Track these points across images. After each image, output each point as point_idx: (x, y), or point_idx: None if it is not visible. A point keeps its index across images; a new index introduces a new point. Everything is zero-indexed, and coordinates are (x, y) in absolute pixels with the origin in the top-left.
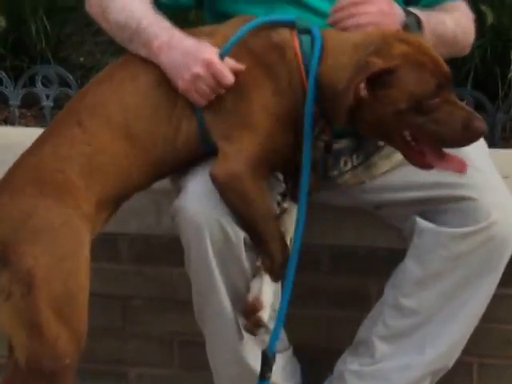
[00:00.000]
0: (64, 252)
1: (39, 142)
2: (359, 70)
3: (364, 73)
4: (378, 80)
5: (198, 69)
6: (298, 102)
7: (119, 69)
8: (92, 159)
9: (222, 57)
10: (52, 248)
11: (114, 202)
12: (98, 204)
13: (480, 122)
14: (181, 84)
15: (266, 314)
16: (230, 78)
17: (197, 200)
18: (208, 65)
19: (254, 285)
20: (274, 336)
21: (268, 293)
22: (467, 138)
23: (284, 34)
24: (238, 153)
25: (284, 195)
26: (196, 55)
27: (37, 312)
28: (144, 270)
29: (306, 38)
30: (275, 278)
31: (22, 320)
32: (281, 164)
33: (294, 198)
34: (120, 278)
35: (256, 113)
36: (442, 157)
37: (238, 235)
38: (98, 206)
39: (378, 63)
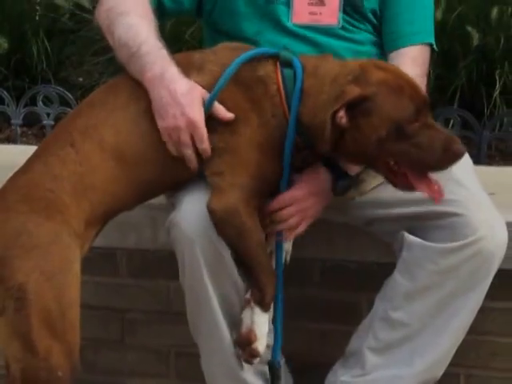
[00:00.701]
0: (54, 268)
1: (31, 161)
2: (337, 99)
3: (341, 101)
4: (358, 108)
5: (181, 123)
6: (283, 131)
7: (112, 93)
8: (83, 179)
9: (210, 104)
10: (42, 264)
11: (102, 220)
12: (88, 221)
13: (459, 145)
14: (160, 124)
15: (261, 345)
16: (206, 145)
17: (190, 216)
18: (191, 125)
19: (246, 316)
20: (277, 345)
21: (261, 323)
22: (447, 161)
23: (268, 68)
24: (232, 187)
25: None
26: (183, 110)
27: (28, 326)
28: (142, 283)
29: (288, 72)
30: (265, 309)
31: (15, 334)
32: (270, 191)
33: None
34: (119, 292)
35: (244, 146)
36: (424, 180)
37: (229, 251)
38: (88, 224)
39: (355, 91)
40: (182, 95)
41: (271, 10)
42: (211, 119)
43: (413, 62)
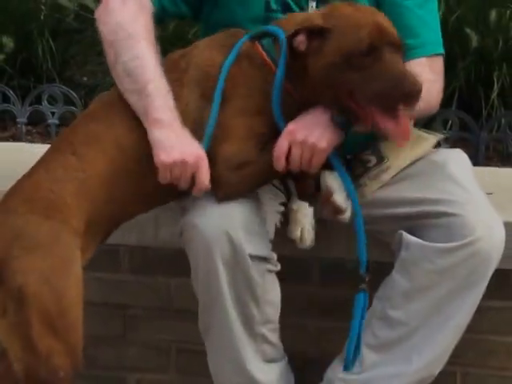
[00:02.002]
0: (54, 268)
1: (33, 168)
2: (301, 27)
3: (303, 28)
4: (318, 38)
5: (189, 159)
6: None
7: (111, 107)
8: (85, 183)
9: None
10: (42, 265)
11: (105, 226)
12: (89, 223)
13: (411, 80)
14: (162, 158)
15: (339, 197)
16: (208, 183)
17: (206, 215)
18: (199, 160)
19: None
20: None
21: (330, 179)
22: (400, 95)
23: (245, 47)
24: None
25: (284, 204)
26: (190, 146)
27: (29, 327)
28: (143, 280)
29: (267, 41)
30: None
31: (17, 335)
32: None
33: (302, 197)
34: (120, 288)
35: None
36: (392, 119)
37: (246, 248)
38: (89, 225)
39: (317, 21)
40: (190, 141)
41: (270, 18)
42: None
43: (430, 70)
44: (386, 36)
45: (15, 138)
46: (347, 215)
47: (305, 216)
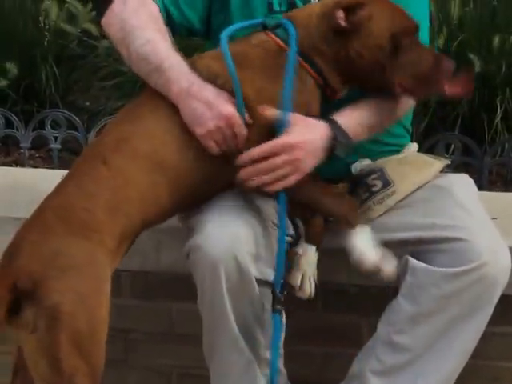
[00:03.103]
0: (88, 288)
1: (64, 183)
2: (335, 4)
3: (339, 4)
4: (357, 14)
5: (217, 122)
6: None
7: (136, 107)
8: (117, 192)
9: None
10: (77, 285)
11: (138, 231)
12: (123, 234)
13: (448, 60)
14: (198, 131)
15: (370, 257)
16: (244, 132)
17: (213, 238)
18: (230, 120)
19: (349, 245)
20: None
21: (362, 239)
22: (439, 75)
23: (259, 36)
24: None
25: (291, 237)
26: (219, 111)
27: (58, 345)
28: (145, 304)
29: (280, 31)
30: (355, 226)
31: (44, 352)
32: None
33: (310, 240)
34: (122, 312)
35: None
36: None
37: (252, 272)
38: (122, 237)
39: None
40: (214, 99)
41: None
42: None
43: None
44: (411, 19)
45: (18, 162)
46: (391, 267)
47: (308, 262)
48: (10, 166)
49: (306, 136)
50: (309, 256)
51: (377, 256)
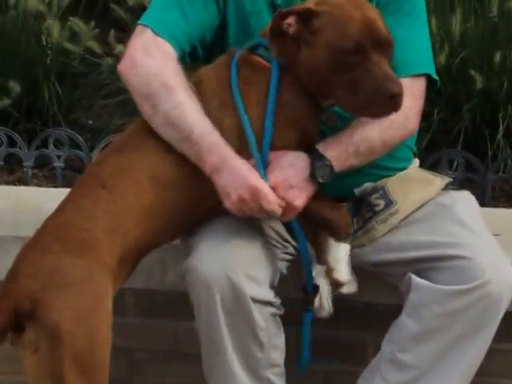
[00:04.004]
0: (87, 306)
1: (63, 205)
2: (290, 9)
3: (294, 10)
4: (309, 23)
5: (245, 194)
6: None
7: (137, 136)
8: (117, 216)
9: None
10: (76, 303)
11: (136, 257)
12: (122, 258)
13: (393, 84)
14: (228, 205)
15: (340, 271)
16: (275, 205)
17: (207, 259)
18: (254, 191)
19: (328, 255)
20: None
21: (339, 252)
22: (383, 97)
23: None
24: None
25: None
26: (245, 181)
27: (60, 364)
28: (149, 323)
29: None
30: (341, 239)
31: (47, 372)
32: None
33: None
34: (126, 331)
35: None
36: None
37: (247, 292)
38: (121, 260)
39: (308, 5)
40: (241, 167)
41: None
42: None
43: (410, 92)
44: (374, 33)
45: (21, 181)
46: (351, 288)
47: (324, 284)
48: (14, 184)
49: (287, 172)
50: (321, 278)
51: (347, 273)
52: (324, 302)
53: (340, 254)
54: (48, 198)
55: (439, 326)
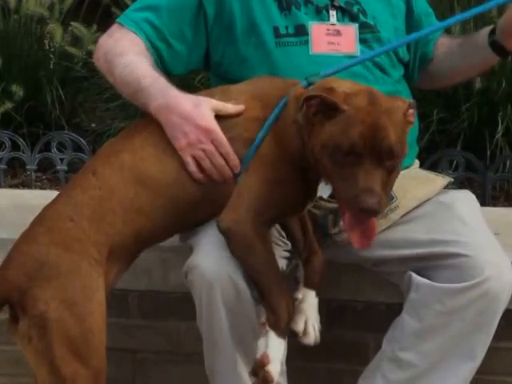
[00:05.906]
0: (74, 296)
1: (58, 195)
2: (319, 89)
3: (320, 96)
4: (324, 113)
5: (194, 135)
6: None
7: (132, 129)
8: (102, 202)
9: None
10: (62, 293)
11: (127, 251)
12: (111, 246)
13: (369, 198)
14: (178, 145)
15: (275, 369)
16: (228, 148)
17: (209, 257)
18: (208, 133)
19: (261, 342)
20: None
21: (276, 347)
22: (356, 206)
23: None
24: (242, 202)
25: (288, 259)
26: (196, 123)
27: (52, 352)
28: (152, 324)
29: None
30: (280, 334)
31: (42, 360)
32: (291, 214)
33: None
34: (130, 332)
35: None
36: (357, 223)
37: (249, 291)
38: (112, 249)
39: (335, 98)
40: (191, 111)
41: (281, 43)
42: None
43: None
44: (376, 141)
45: (25, 184)
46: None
47: (310, 306)
48: (17, 188)
49: None
50: (309, 300)
51: (277, 370)
52: (309, 327)
53: (273, 346)
54: None
55: (440, 324)
